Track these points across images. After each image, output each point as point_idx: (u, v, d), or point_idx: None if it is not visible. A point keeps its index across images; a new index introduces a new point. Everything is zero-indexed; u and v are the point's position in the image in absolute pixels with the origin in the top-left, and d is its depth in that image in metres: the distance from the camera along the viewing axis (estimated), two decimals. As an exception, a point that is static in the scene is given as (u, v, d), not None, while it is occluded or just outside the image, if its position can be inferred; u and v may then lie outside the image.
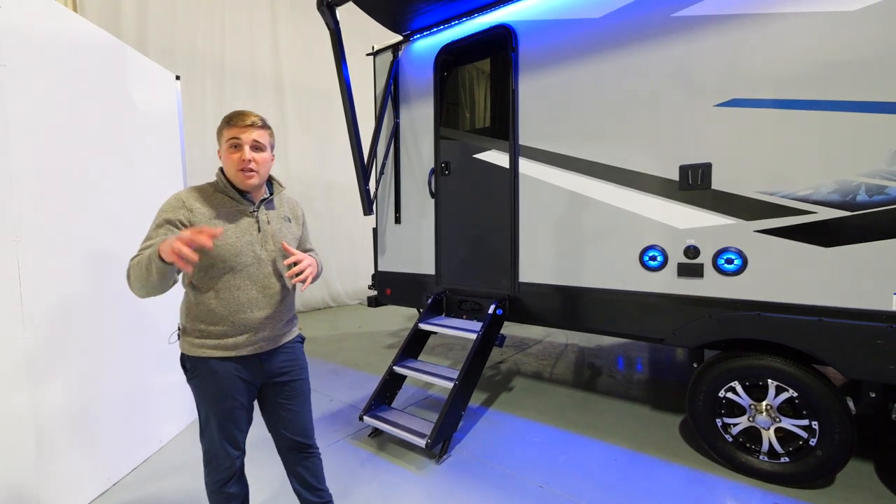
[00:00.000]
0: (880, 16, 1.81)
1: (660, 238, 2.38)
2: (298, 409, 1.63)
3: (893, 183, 1.81)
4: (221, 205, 1.45)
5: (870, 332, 1.87)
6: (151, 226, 1.39)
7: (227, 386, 1.44)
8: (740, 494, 2.10)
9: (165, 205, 1.42)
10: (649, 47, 2.38)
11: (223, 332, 1.42)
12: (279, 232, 1.53)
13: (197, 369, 1.44)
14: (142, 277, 1.27)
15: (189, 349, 1.45)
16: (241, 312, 1.43)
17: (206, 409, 1.48)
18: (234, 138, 1.41)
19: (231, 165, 1.43)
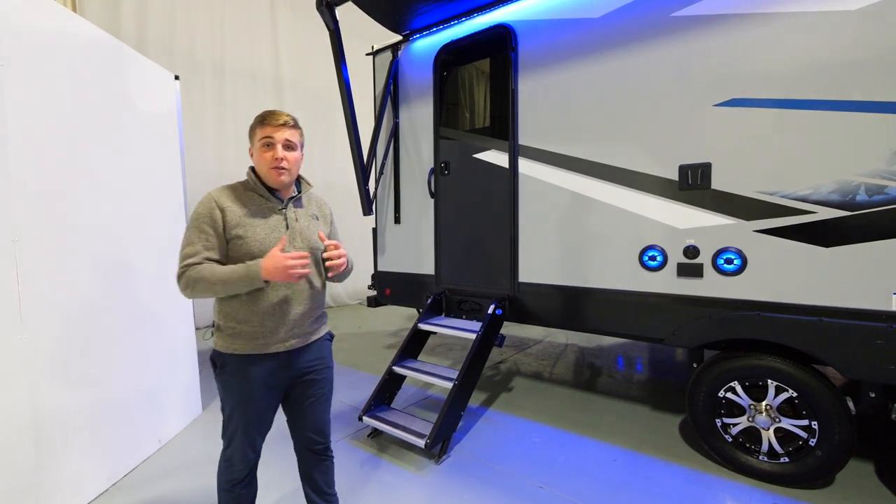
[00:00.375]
0: (879, 15, 1.81)
1: (659, 238, 2.38)
2: (321, 408, 1.65)
3: (893, 183, 1.80)
4: (251, 202, 1.48)
5: (870, 332, 1.87)
6: (190, 230, 1.43)
7: (254, 387, 1.46)
8: (740, 494, 2.09)
9: (200, 207, 1.44)
10: (649, 47, 2.37)
11: (253, 329, 1.44)
12: (307, 229, 1.56)
13: (227, 366, 1.46)
14: (216, 290, 1.38)
15: (221, 345, 1.47)
16: (271, 310, 1.45)
17: (230, 407, 1.49)
18: (267, 137, 1.45)
19: (263, 163, 1.47)
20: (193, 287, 1.38)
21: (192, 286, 1.38)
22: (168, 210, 2.82)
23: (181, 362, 2.91)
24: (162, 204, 2.75)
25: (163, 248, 2.73)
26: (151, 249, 2.60)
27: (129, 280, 2.41)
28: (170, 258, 2.75)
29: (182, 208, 2.95)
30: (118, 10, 4.87)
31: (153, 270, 2.60)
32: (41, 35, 1.93)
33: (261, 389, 1.47)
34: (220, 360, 1.48)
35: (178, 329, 2.90)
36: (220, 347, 1.47)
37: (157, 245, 2.66)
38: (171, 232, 2.83)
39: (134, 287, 2.44)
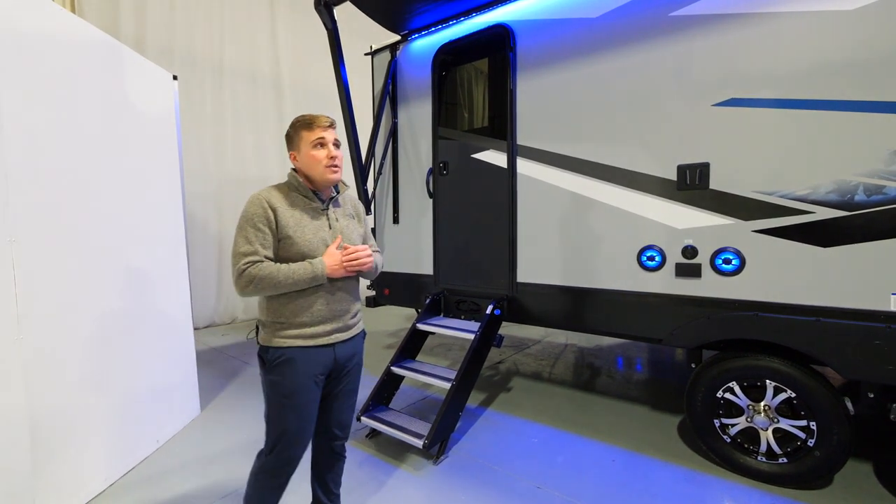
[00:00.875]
0: (877, 15, 1.80)
1: (658, 238, 2.37)
2: (350, 402, 1.72)
3: (892, 183, 1.80)
4: (297, 204, 1.54)
5: (868, 333, 1.86)
6: (245, 228, 1.45)
7: (304, 380, 1.50)
8: (738, 495, 2.09)
9: (252, 207, 1.47)
10: (647, 47, 2.37)
11: (302, 322, 1.50)
12: (346, 228, 1.63)
13: (277, 362, 1.49)
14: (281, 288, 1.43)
15: (270, 340, 1.50)
16: (317, 304, 1.52)
17: (278, 406, 1.51)
18: (319, 138, 1.52)
19: (317, 164, 1.52)
20: (257, 284, 1.41)
21: (256, 283, 1.40)
22: (166, 210, 2.81)
23: (180, 362, 2.91)
24: (160, 204, 2.75)
25: (161, 248, 2.73)
26: (149, 250, 2.60)
27: (127, 280, 2.41)
28: (167, 259, 2.77)
29: (180, 208, 2.95)
30: (117, 9, 4.87)
31: (151, 271, 2.60)
32: (38, 35, 1.93)
33: (310, 382, 1.51)
34: (268, 356, 1.50)
35: (177, 329, 2.89)
36: (269, 343, 1.50)
37: (154, 245, 2.66)
38: (168, 232, 2.83)
39: (131, 287, 2.44)
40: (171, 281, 2.83)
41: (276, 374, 1.50)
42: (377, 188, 3.75)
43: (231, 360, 4.37)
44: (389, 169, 3.65)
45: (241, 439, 2.71)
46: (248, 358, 4.42)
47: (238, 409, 3.18)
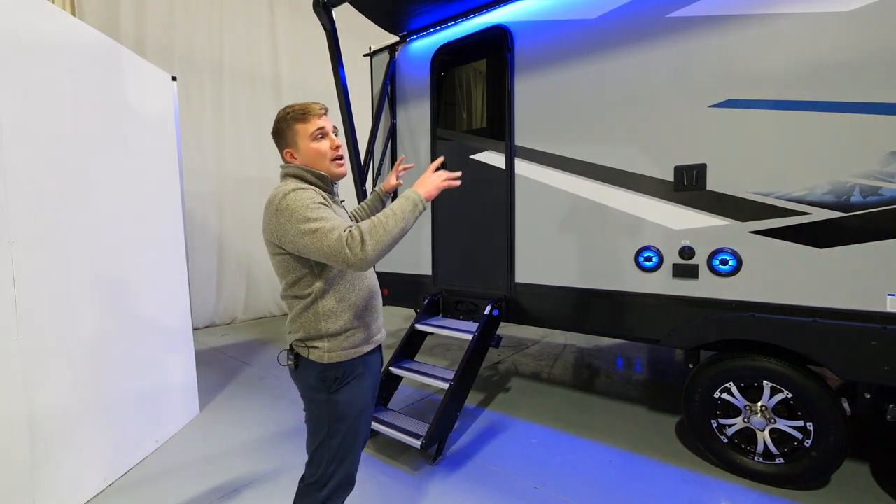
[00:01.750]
0: (872, 16, 1.81)
1: (655, 239, 2.38)
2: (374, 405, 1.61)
3: (887, 184, 1.80)
4: (325, 198, 1.32)
5: (864, 334, 1.87)
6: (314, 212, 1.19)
7: (371, 387, 1.40)
8: (735, 495, 2.09)
9: (304, 195, 1.22)
10: (644, 48, 2.37)
11: (366, 323, 1.38)
12: None
13: (348, 375, 1.33)
14: (403, 229, 1.22)
15: (340, 355, 1.31)
16: (372, 299, 1.41)
17: (349, 422, 1.33)
18: (319, 129, 1.35)
19: (322, 157, 1.35)
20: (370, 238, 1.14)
21: (369, 238, 1.14)
22: (166, 210, 2.82)
23: (179, 363, 2.92)
24: (160, 205, 2.76)
25: (160, 249, 2.74)
26: (149, 250, 2.61)
27: (127, 281, 2.42)
28: (166, 260, 2.78)
29: (179, 209, 2.96)
30: (117, 11, 4.87)
31: (150, 271, 2.61)
32: (38, 37, 1.94)
33: (374, 391, 1.42)
34: (340, 372, 1.31)
35: (176, 328, 2.90)
36: (338, 358, 1.30)
37: (154, 246, 2.67)
38: (168, 233, 2.84)
39: (130, 288, 2.45)
40: (171, 281, 2.84)
41: (345, 393, 1.32)
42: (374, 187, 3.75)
43: (230, 360, 4.37)
44: (388, 169, 3.65)
45: (240, 440, 2.72)
46: (248, 358, 4.43)
47: (237, 409, 3.19)
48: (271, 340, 5.16)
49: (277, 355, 3.64)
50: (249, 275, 6.15)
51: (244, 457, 2.52)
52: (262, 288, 6.30)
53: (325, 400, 1.32)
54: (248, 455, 2.54)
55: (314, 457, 1.36)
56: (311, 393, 1.35)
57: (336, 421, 1.33)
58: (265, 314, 6.40)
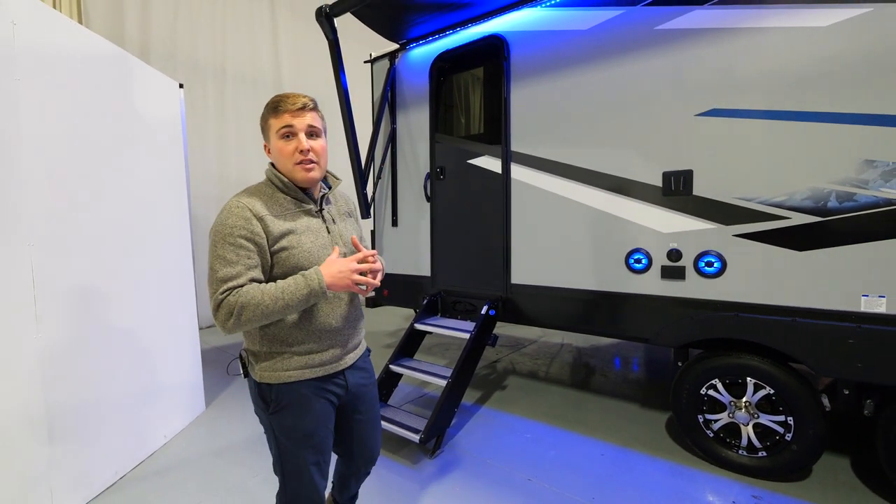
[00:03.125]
0: (847, 32, 1.90)
1: (644, 242, 2.47)
2: (376, 433, 1.52)
3: (862, 190, 1.90)
4: (283, 206, 1.25)
5: (841, 332, 1.96)
6: (222, 247, 1.14)
7: (319, 413, 1.27)
8: (721, 488, 2.19)
9: (231, 219, 1.16)
10: (634, 58, 2.47)
11: (309, 349, 1.25)
12: (344, 230, 1.38)
13: (283, 399, 1.24)
14: (274, 314, 1.14)
15: (272, 376, 1.23)
16: (325, 324, 1.27)
17: (294, 446, 1.26)
18: (286, 126, 1.21)
19: (286, 159, 1.23)
20: (240, 315, 1.10)
21: (239, 314, 1.10)
22: (173, 214, 2.92)
23: (185, 360, 3.01)
24: (167, 208, 2.85)
25: (167, 251, 2.83)
26: (156, 253, 2.71)
27: (136, 281, 2.51)
28: (174, 261, 2.88)
29: (186, 212, 3.06)
30: (122, 17, 4.97)
31: (158, 273, 2.71)
32: (52, 49, 2.03)
33: (326, 411, 1.29)
34: (273, 394, 1.23)
35: (182, 328, 3.00)
36: (269, 379, 1.23)
37: (161, 248, 2.76)
38: (175, 235, 2.93)
39: (140, 289, 2.54)
40: (177, 282, 2.94)
41: (284, 416, 1.24)
42: (376, 192, 3.85)
43: (233, 359, 4.47)
44: (388, 173, 3.75)
45: (246, 435, 2.81)
46: (251, 357, 4.52)
47: (242, 406, 3.28)
48: (273, 340, 5.24)
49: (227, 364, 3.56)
50: (251, 275, 6.25)
51: (250, 451, 2.62)
52: (264, 288, 6.39)
53: (266, 419, 1.28)
54: (253, 449, 2.63)
55: (275, 473, 1.34)
56: (255, 408, 1.30)
57: (281, 444, 1.27)
58: (267, 314, 6.49)
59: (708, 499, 2.11)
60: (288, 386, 1.24)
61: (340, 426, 1.42)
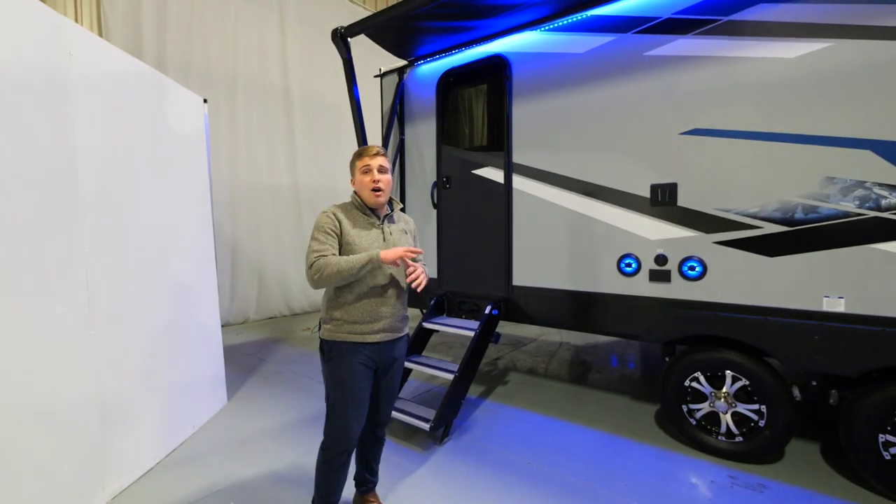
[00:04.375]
0: (811, 62, 2.15)
1: (634, 247, 2.72)
2: (390, 400, 1.97)
3: (824, 204, 2.15)
4: (357, 218, 1.83)
5: (806, 329, 2.21)
6: (318, 233, 1.76)
7: (354, 370, 1.76)
8: (701, 469, 2.43)
9: (324, 218, 1.78)
10: (625, 81, 2.72)
11: (356, 320, 1.76)
12: (399, 241, 1.88)
13: (333, 352, 1.77)
14: (342, 275, 1.67)
15: (328, 335, 1.79)
16: (370, 305, 1.77)
17: (338, 393, 1.78)
18: (365, 165, 1.80)
19: (364, 187, 1.81)
20: (322, 270, 1.66)
21: (322, 270, 1.67)
22: (199, 223, 3.15)
23: (210, 358, 3.24)
24: (194, 216, 3.09)
25: (195, 257, 3.07)
26: (186, 259, 2.94)
27: (169, 286, 2.75)
28: (200, 265, 3.11)
29: (210, 221, 3.28)
30: (140, 30, 5.20)
31: (187, 277, 2.94)
32: (101, 75, 2.27)
33: (362, 372, 1.78)
34: (327, 348, 1.80)
35: (208, 327, 3.23)
36: (327, 337, 1.79)
37: (190, 255, 3.00)
38: (200, 241, 3.17)
39: (173, 291, 2.78)
40: (203, 286, 3.17)
41: (332, 363, 1.78)
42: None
43: (248, 357, 4.70)
44: (397, 181, 3.99)
45: (268, 425, 3.05)
46: (265, 355, 4.76)
47: (261, 399, 3.51)
48: (283, 339, 5.48)
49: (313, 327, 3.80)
50: (261, 277, 6.48)
51: (273, 438, 2.86)
52: (273, 290, 6.63)
53: (323, 365, 1.82)
54: (276, 437, 2.87)
55: (326, 410, 1.81)
56: (320, 357, 1.83)
57: (328, 383, 1.80)
58: (276, 314, 6.73)
59: (690, 479, 2.35)
60: (336, 343, 1.77)
61: (373, 391, 1.89)
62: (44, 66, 1.94)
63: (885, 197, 2.03)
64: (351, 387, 1.77)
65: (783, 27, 2.23)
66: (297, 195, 6.89)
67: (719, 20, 2.40)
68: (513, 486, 2.31)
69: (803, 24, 2.18)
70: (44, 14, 1.96)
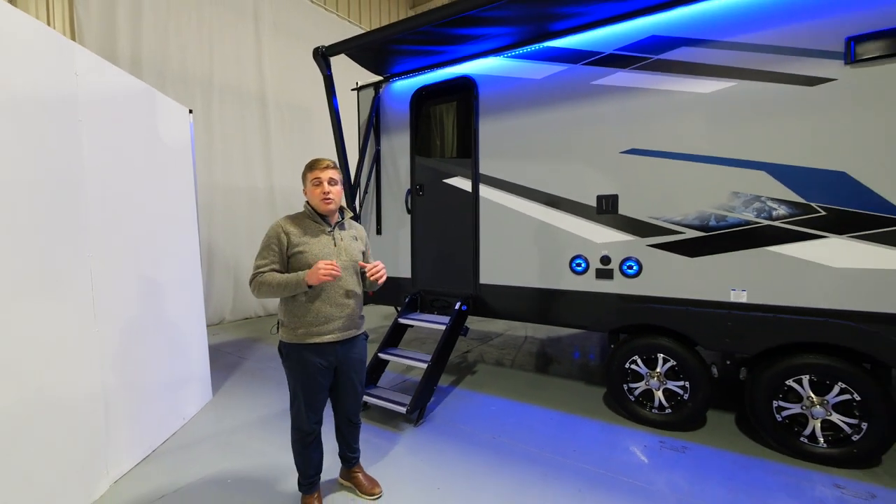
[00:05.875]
0: (722, 98, 2.62)
1: (583, 249, 3.14)
2: (354, 392, 2.16)
3: (731, 214, 2.62)
4: (307, 227, 2.01)
5: (718, 317, 2.68)
6: (262, 247, 1.97)
7: (311, 368, 1.96)
8: (638, 437, 2.87)
9: (271, 231, 1.98)
10: (576, 104, 3.13)
11: (310, 322, 1.95)
12: (349, 247, 2.07)
13: (291, 353, 1.97)
14: (275, 292, 1.90)
15: (285, 337, 1.99)
16: (325, 308, 1.95)
17: (294, 385, 2.01)
18: (316, 178, 1.99)
19: (315, 197, 2.00)
20: (259, 287, 1.91)
21: (259, 287, 1.92)
22: (187, 227, 3.34)
23: (197, 355, 3.43)
24: (182, 222, 3.28)
25: (184, 260, 3.26)
26: (178, 261, 3.14)
27: (162, 286, 2.94)
28: (188, 267, 3.31)
29: (195, 224, 3.47)
30: (114, 33, 5.23)
31: (178, 279, 3.14)
32: (102, 92, 2.47)
33: (315, 370, 1.97)
34: (285, 349, 2.00)
35: (194, 327, 3.42)
36: (284, 339, 1.99)
37: (179, 256, 3.19)
38: (188, 245, 3.36)
39: (165, 291, 2.97)
40: (191, 287, 3.37)
41: (290, 361, 1.99)
42: (363, 204, 4.37)
43: (228, 355, 4.86)
44: (373, 188, 4.28)
45: (254, 417, 3.28)
46: (245, 353, 4.93)
47: (245, 394, 3.73)
48: (261, 338, 5.65)
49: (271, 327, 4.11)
50: (236, 279, 6.59)
51: (259, 428, 3.10)
52: (248, 291, 6.74)
53: (283, 363, 2.04)
54: (262, 426, 3.11)
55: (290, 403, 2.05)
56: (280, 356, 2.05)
57: (289, 380, 2.03)
58: (251, 315, 6.85)
59: (628, 446, 2.78)
60: (291, 345, 1.98)
61: (336, 389, 2.12)
62: (55, 85, 2.14)
63: (775, 209, 2.52)
64: (305, 382, 1.98)
65: (700, 67, 2.69)
66: (273, 197, 7.03)
67: (651, 58, 2.85)
68: (480, 456, 2.67)
69: (714, 65, 2.65)
70: (51, 37, 2.15)
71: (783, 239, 2.50)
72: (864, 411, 2.38)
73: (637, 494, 2.27)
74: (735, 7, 2.60)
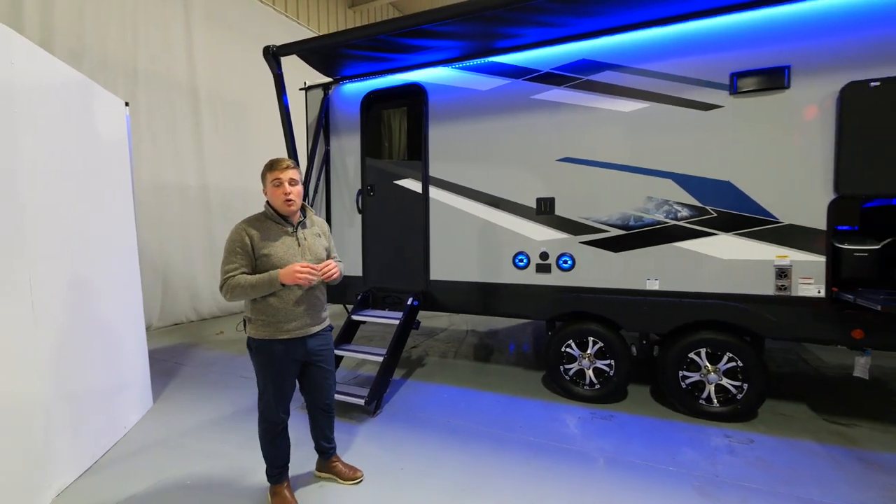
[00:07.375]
0: (640, 116, 3.09)
1: (524, 246, 3.49)
2: (327, 381, 2.25)
3: (646, 215, 3.10)
4: (270, 228, 2.02)
5: (637, 303, 3.16)
6: (227, 252, 1.96)
7: (279, 362, 2.03)
8: (573, 411, 3.27)
9: (233, 235, 1.98)
10: (517, 116, 3.47)
11: (278, 319, 2.00)
12: (314, 245, 2.11)
13: (259, 349, 2.02)
14: (249, 293, 1.93)
15: (254, 333, 2.03)
16: (290, 305, 2.01)
17: (263, 379, 2.07)
18: (276, 179, 1.98)
19: (277, 198, 2.00)
20: (232, 291, 1.93)
21: (232, 290, 1.93)
22: (123, 226, 3.18)
23: (136, 362, 3.27)
24: (119, 221, 3.12)
25: (121, 261, 3.11)
26: (114, 263, 2.99)
27: (100, 289, 2.79)
28: (125, 269, 3.16)
29: (132, 223, 3.30)
30: (20, 7, 4.68)
31: (115, 279, 2.99)
32: (38, 84, 2.32)
33: (282, 363, 2.05)
34: (253, 344, 2.06)
35: (133, 329, 3.26)
36: (252, 335, 2.05)
37: (116, 258, 3.04)
38: (125, 246, 3.19)
39: (103, 294, 2.83)
40: (128, 290, 3.20)
41: (259, 357, 2.04)
42: (313, 204, 4.39)
43: (163, 362, 4.60)
44: (323, 187, 4.32)
45: (201, 420, 3.21)
46: (181, 359, 4.70)
47: (189, 399, 3.61)
48: (197, 343, 5.39)
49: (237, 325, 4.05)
50: (165, 281, 6.18)
51: (211, 430, 3.05)
52: (180, 294, 6.36)
53: (252, 359, 2.09)
54: (214, 429, 3.07)
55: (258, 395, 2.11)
56: (248, 351, 2.10)
57: (258, 374, 2.09)
58: (181, 320, 6.45)
59: (564, 418, 3.16)
60: (261, 341, 2.03)
61: (304, 374, 2.20)
62: (-11, 76, 2.00)
63: (680, 211, 3.03)
64: (272, 376, 2.05)
65: (621, 89, 3.14)
66: (207, 196, 6.67)
67: (581, 78, 3.25)
68: (437, 437, 2.89)
69: (633, 88, 3.11)
70: (-17, 23, 2.01)
71: (686, 236, 3.02)
72: (746, 375, 2.95)
73: (575, 457, 2.63)
74: (647, 39, 3.08)
